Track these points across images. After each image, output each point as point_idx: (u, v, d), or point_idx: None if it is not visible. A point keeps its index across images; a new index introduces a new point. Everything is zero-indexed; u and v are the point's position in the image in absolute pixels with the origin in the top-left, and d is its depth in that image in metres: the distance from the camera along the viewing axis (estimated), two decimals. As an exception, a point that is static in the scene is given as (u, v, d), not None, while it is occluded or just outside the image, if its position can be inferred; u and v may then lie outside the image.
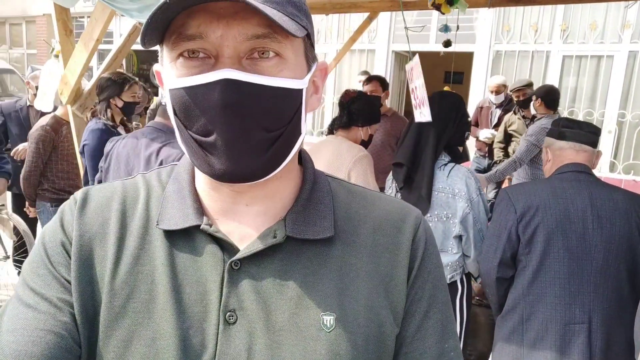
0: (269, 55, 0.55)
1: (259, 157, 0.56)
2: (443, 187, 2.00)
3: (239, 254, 0.60)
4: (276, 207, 0.63)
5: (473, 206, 1.97)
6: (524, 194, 1.79)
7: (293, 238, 0.61)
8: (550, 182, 1.81)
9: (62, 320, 0.57)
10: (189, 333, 0.58)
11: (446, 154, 2.05)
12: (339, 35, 8.28)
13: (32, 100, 3.57)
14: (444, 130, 2.02)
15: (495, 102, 4.95)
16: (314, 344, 0.58)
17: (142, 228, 0.62)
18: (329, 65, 4.24)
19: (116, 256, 0.61)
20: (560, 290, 1.69)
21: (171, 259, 0.60)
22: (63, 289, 0.59)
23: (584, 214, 1.71)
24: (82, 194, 0.65)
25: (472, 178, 2.00)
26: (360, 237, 0.64)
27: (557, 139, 1.88)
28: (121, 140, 2.30)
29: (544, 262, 1.71)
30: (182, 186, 0.65)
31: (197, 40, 0.53)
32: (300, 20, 0.56)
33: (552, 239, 1.70)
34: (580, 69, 6.44)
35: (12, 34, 13.35)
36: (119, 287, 0.59)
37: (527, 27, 6.73)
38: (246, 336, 0.58)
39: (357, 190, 0.70)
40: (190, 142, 0.57)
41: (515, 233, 1.76)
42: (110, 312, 0.59)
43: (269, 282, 0.59)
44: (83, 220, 0.62)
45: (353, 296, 0.60)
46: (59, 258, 0.60)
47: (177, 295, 0.59)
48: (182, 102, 0.55)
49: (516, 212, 1.76)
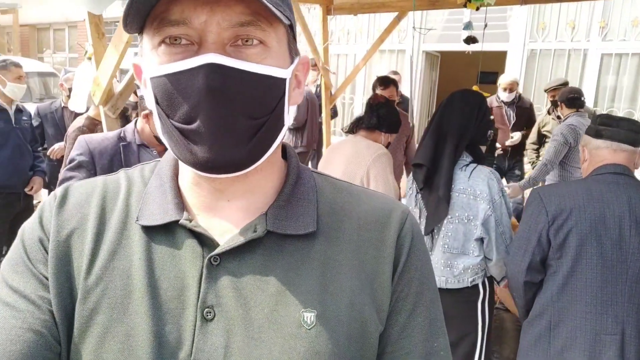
0: (252, 42, 0.54)
1: (242, 145, 0.55)
2: (464, 188, 1.95)
3: (218, 248, 0.58)
4: (258, 202, 0.62)
5: (495, 208, 1.92)
6: (556, 195, 1.71)
7: (274, 233, 0.60)
8: (586, 184, 1.71)
9: (40, 318, 0.57)
10: (165, 329, 0.56)
11: (468, 154, 2.00)
12: (368, 35, 8.24)
13: (66, 102, 3.72)
14: (465, 129, 1.97)
15: (506, 100, 4.74)
16: (294, 341, 0.56)
17: (121, 223, 0.62)
18: (357, 65, 4.22)
19: (93, 252, 0.60)
20: (591, 298, 1.62)
21: (149, 254, 0.59)
22: (41, 286, 0.58)
23: (621, 219, 1.62)
24: (62, 190, 0.65)
25: (495, 179, 1.95)
26: (345, 232, 0.62)
27: (593, 138, 1.78)
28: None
29: (575, 268, 1.64)
30: (164, 181, 0.64)
31: (181, 26, 0.52)
32: (283, 10, 0.55)
33: (585, 244, 1.62)
34: (620, 68, 6.19)
35: (55, 38, 13.95)
36: (94, 282, 0.58)
37: (563, 25, 6.52)
38: (224, 333, 0.56)
39: (343, 186, 0.69)
40: (173, 132, 0.55)
41: (546, 236, 1.69)
42: (85, 308, 0.58)
43: (248, 277, 0.58)
44: (61, 216, 0.62)
45: (335, 293, 0.59)
46: (36, 255, 0.60)
47: (153, 291, 0.58)
48: (165, 90, 0.54)
49: (547, 215, 1.68)
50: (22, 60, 9.89)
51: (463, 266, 1.98)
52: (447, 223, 1.99)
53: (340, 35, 8.58)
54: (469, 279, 1.99)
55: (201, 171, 0.56)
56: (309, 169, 0.69)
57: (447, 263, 2.01)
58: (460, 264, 1.99)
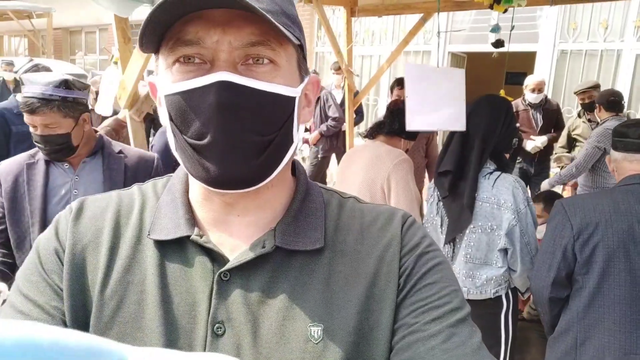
0: (263, 61, 0.56)
1: (252, 161, 0.56)
2: (488, 197, 1.90)
3: (228, 264, 0.59)
4: (267, 218, 0.63)
5: (520, 218, 1.86)
6: (582, 208, 1.64)
7: (282, 249, 0.60)
8: (613, 196, 1.65)
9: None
10: (177, 345, 0.57)
11: (492, 162, 1.95)
12: (393, 37, 8.17)
13: (93, 104, 3.80)
14: (491, 136, 1.93)
15: (533, 102, 4.57)
16: (302, 355, 0.57)
17: (135, 238, 0.63)
18: (381, 67, 4.16)
19: (107, 265, 0.61)
20: (620, 316, 1.55)
21: (162, 269, 0.61)
22: (55, 296, 0.60)
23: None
24: (78, 203, 0.66)
25: (520, 188, 1.89)
26: (348, 244, 0.63)
27: (613, 150, 1.76)
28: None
29: (602, 285, 1.58)
30: (176, 197, 0.65)
31: (194, 46, 0.55)
32: (293, 31, 0.57)
33: (613, 259, 1.56)
34: (656, 69, 5.96)
35: (87, 41, 14.33)
36: (109, 296, 0.60)
37: (595, 25, 6.31)
38: (234, 349, 0.57)
39: (348, 202, 0.69)
40: (185, 147, 0.57)
41: (571, 251, 1.63)
42: (99, 321, 0.59)
43: (257, 293, 0.59)
44: (77, 229, 0.63)
45: (342, 304, 0.59)
46: (52, 266, 0.61)
47: (166, 306, 0.59)
48: (178, 107, 0.56)
49: (572, 229, 1.62)
50: (55, 63, 10.21)
51: (486, 277, 1.93)
52: (469, 233, 1.94)
53: (364, 37, 8.54)
54: (491, 290, 1.94)
55: (212, 187, 0.58)
56: (317, 185, 0.70)
57: (469, 274, 1.96)
58: (482, 275, 1.94)
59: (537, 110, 4.64)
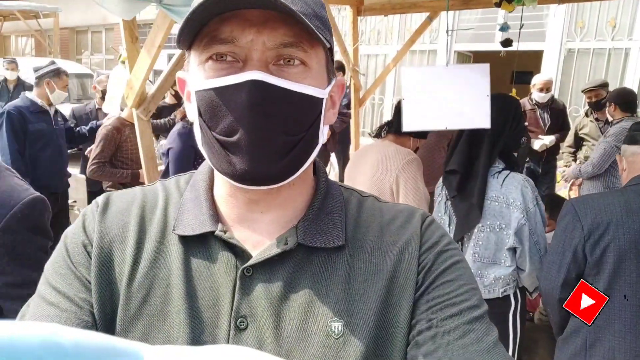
0: (294, 62, 0.57)
1: (278, 160, 0.58)
2: (497, 196, 1.90)
3: (251, 260, 0.61)
4: (289, 215, 0.65)
5: (529, 217, 1.85)
6: (592, 208, 1.62)
7: (304, 246, 0.62)
8: (625, 195, 1.62)
9: (83, 319, 0.59)
10: (201, 338, 0.59)
11: (500, 161, 1.94)
12: (399, 36, 8.15)
13: (99, 104, 3.82)
14: (499, 135, 1.92)
15: (540, 101, 4.54)
16: (323, 350, 0.58)
17: (160, 233, 0.64)
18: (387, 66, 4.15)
19: (134, 259, 0.63)
20: (631, 317, 1.53)
21: (186, 263, 0.62)
22: (84, 288, 0.61)
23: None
24: (104, 198, 0.68)
25: (529, 187, 1.88)
26: (368, 242, 0.64)
27: (629, 145, 1.71)
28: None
29: (613, 286, 1.56)
30: (199, 193, 0.66)
31: (228, 45, 0.56)
32: (324, 34, 0.58)
33: (624, 260, 1.54)
34: (665, 67, 5.92)
35: (93, 41, 14.40)
36: (136, 289, 0.61)
37: (603, 23, 6.27)
38: (256, 343, 0.59)
39: (367, 200, 0.70)
40: (213, 143, 0.58)
41: (581, 252, 1.60)
42: (126, 313, 0.60)
43: (279, 288, 0.60)
44: (104, 223, 0.65)
45: (362, 300, 0.60)
46: (80, 259, 0.63)
47: (190, 300, 0.60)
48: (209, 103, 0.57)
49: (583, 229, 1.60)
50: (62, 62, 10.28)
51: (494, 276, 1.92)
52: (477, 232, 1.93)
53: (370, 36, 8.52)
54: (500, 289, 1.93)
55: (237, 182, 0.59)
56: (337, 183, 0.71)
57: (478, 273, 1.95)
58: (491, 274, 1.93)
59: (544, 110, 4.61)
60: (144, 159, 3.10)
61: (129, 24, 2.84)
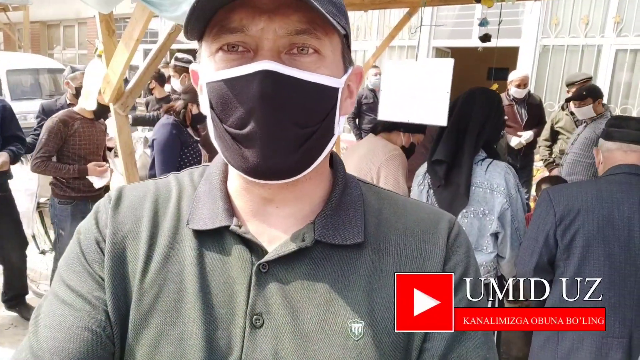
0: (307, 51, 0.55)
1: (292, 152, 0.56)
2: (481, 182, 1.95)
3: (267, 256, 0.59)
4: (305, 210, 0.63)
5: (512, 202, 1.91)
6: (565, 195, 1.70)
7: (322, 242, 0.60)
8: (597, 184, 1.71)
9: (96, 318, 0.59)
10: (216, 335, 0.58)
11: (483, 151, 2.01)
12: (378, 31, 8.18)
13: (71, 100, 3.71)
14: (483, 127, 1.98)
15: (518, 97, 4.61)
16: (342, 351, 0.57)
17: (173, 227, 0.63)
18: (367, 62, 4.18)
19: (147, 254, 0.61)
20: None
21: (200, 259, 0.61)
22: (97, 286, 0.60)
23: (630, 220, 1.59)
24: (117, 192, 0.66)
25: (511, 173, 1.94)
26: (391, 243, 0.62)
27: (605, 140, 1.80)
28: None
29: (582, 269, 1.63)
30: (214, 187, 0.65)
31: (238, 34, 0.54)
32: (339, 20, 0.55)
33: (591, 245, 1.61)
34: (635, 64, 6.09)
35: (65, 35, 14.03)
36: (149, 285, 0.60)
37: (577, 20, 6.42)
38: (272, 340, 0.57)
39: (388, 196, 0.68)
40: (225, 136, 0.57)
41: (553, 237, 1.68)
42: (139, 310, 0.59)
43: (296, 286, 0.59)
44: (117, 218, 0.63)
45: (383, 303, 0.59)
46: (93, 255, 0.62)
47: (204, 296, 0.59)
48: (220, 95, 0.56)
49: (555, 215, 1.68)
50: (33, 57, 9.96)
51: (476, 263, 1.97)
52: (461, 217, 1.97)
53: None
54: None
55: (250, 176, 0.57)
56: (355, 178, 0.69)
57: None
58: (473, 262, 1.97)
59: (521, 105, 4.69)
60: (122, 155, 3.04)
61: (106, 17, 2.78)
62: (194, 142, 3.08)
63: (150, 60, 3.11)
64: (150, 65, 3.13)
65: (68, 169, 3.13)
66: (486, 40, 3.22)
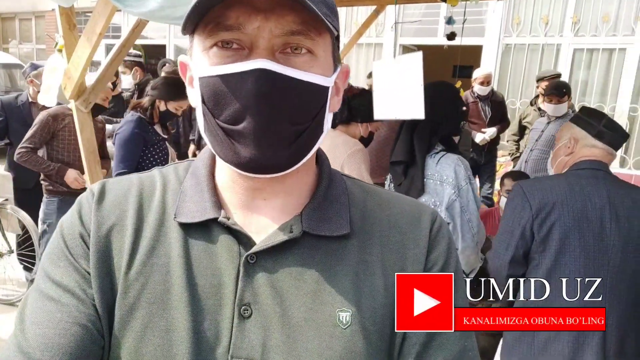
0: (301, 51, 0.57)
1: (284, 148, 0.57)
2: (432, 174, 1.98)
3: (254, 247, 0.60)
4: (293, 203, 0.64)
5: (461, 194, 1.94)
6: (539, 190, 1.73)
7: (309, 234, 0.61)
8: (567, 178, 1.75)
9: (85, 312, 0.58)
10: (203, 326, 0.58)
11: (440, 145, 2.03)
12: (345, 29, 8.21)
13: (33, 97, 3.57)
14: (438, 122, 2.00)
15: (482, 94, 4.75)
16: (330, 340, 0.58)
17: (158, 220, 0.63)
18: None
19: (132, 248, 0.61)
20: None
21: (187, 251, 0.61)
22: (84, 280, 0.60)
23: (601, 212, 1.65)
24: (100, 186, 0.66)
25: (462, 165, 1.96)
26: (376, 234, 0.64)
27: (592, 136, 1.80)
28: None
29: (558, 261, 1.66)
30: (200, 180, 0.65)
31: (234, 31, 0.55)
32: (332, 21, 0.57)
33: (568, 237, 1.65)
34: (591, 63, 6.34)
35: (21, 29, 13.45)
36: (134, 277, 0.60)
37: (537, 20, 6.62)
38: (261, 330, 0.58)
39: (372, 189, 0.71)
40: (217, 131, 0.57)
41: (529, 230, 1.71)
42: (125, 302, 0.59)
43: (285, 276, 0.60)
44: (101, 212, 0.63)
45: (369, 293, 0.61)
46: (78, 250, 0.61)
47: (191, 287, 0.59)
48: (214, 90, 0.56)
49: (531, 209, 1.70)
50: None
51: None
52: None
53: (317, 28, 8.52)
54: None
55: (242, 170, 0.59)
56: (339, 172, 0.71)
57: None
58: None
59: (485, 103, 4.81)
60: (84, 153, 2.94)
61: (67, 10, 2.68)
62: (161, 141, 3.02)
63: (113, 56, 3.02)
64: (114, 61, 3.04)
65: (48, 165, 3.10)
66: (452, 39, 3.28)
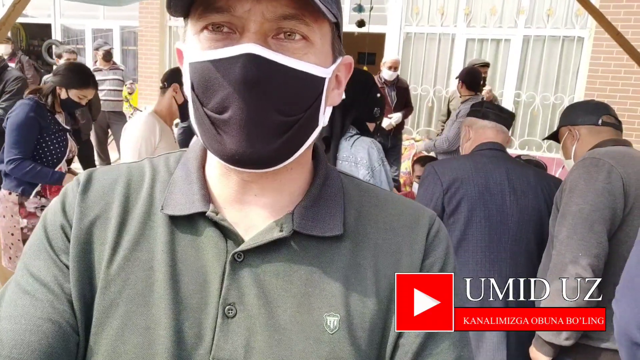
0: (295, 37, 0.53)
1: (272, 141, 0.54)
2: (347, 156, 2.05)
3: (242, 245, 0.58)
4: (285, 201, 0.61)
5: (375, 175, 2.02)
6: (449, 168, 1.93)
7: (300, 233, 0.59)
8: (472, 158, 1.96)
9: (59, 308, 0.56)
10: (185, 325, 0.55)
11: (355, 129, 2.09)
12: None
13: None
14: (350, 107, 2.04)
15: (389, 79, 4.99)
16: (316, 345, 0.56)
17: (145, 213, 0.60)
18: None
19: (115, 241, 0.58)
20: (481, 257, 1.83)
21: (172, 246, 0.58)
22: (62, 275, 0.57)
23: (501, 186, 1.86)
24: (86, 175, 0.63)
25: (375, 148, 2.05)
26: (371, 237, 0.62)
27: (480, 119, 2.04)
28: None
29: (467, 231, 1.84)
30: (190, 172, 0.63)
31: (224, 14, 0.52)
32: (330, 7, 0.53)
33: (474, 209, 1.84)
34: (482, 52, 6.85)
35: None
36: (115, 273, 0.57)
37: (434, 11, 6.99)
38: (245, 332, 0.56)
39: (369, 189, 0.67)
40: (204, 120, 0.54)
41: (440, 204, 1.88)
42: (105, 298, 0.57)
43: (272, 277, 0.57)
44: (85, 203, 0.60)
45: (359, 298, 0.58)
46: (58, 242, 0.59)
47: (174, 285, 0.56)
48: (202, 76, 0.53)
49: (442, 185, 1.88)
50: None
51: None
52: None
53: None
54: None
55: (228, 163, 0.56)
56: (336, 170, 0.68)
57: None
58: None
59: (391, 88, 5.02)
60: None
61: None
62: (60, 130, 2.74)
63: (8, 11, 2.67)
64: (9, 17, 2.68)
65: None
66: (362, 26, 3.35)
